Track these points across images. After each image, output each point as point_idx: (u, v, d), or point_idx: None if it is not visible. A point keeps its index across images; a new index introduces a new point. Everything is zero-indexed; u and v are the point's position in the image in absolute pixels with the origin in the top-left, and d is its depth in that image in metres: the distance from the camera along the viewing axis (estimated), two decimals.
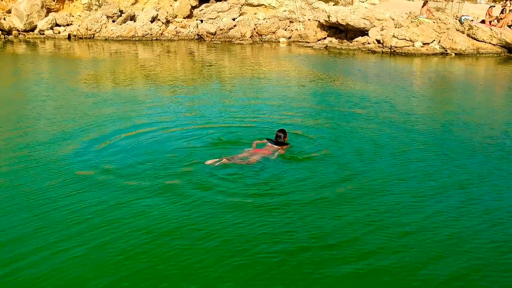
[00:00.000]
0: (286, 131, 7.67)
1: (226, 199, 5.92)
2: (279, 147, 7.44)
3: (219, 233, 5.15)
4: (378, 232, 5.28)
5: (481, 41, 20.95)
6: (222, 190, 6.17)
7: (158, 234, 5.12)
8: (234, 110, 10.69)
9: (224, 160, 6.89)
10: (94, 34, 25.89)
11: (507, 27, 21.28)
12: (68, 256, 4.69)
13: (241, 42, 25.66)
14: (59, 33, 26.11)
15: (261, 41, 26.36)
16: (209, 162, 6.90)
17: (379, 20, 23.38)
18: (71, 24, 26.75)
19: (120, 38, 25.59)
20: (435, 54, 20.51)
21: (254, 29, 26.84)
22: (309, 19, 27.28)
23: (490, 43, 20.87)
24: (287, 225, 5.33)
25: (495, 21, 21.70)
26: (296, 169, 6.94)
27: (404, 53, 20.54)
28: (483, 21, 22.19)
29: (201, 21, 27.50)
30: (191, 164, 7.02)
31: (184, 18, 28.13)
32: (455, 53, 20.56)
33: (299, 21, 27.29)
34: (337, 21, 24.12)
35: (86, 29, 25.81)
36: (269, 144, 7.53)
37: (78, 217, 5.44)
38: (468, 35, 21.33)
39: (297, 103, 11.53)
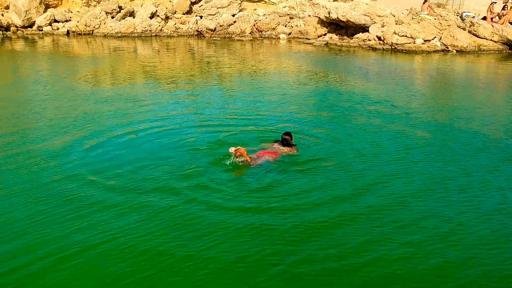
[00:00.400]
0: (292, 133, 7.61)
1: (228, 204, 5.85)
2: (288, 149, 7.42)
3: (221, 238, 5.10)
4: (380, 235, 5.25)
5: (483, 38, 20.81)
6: (225, 196, 6.09)
7: (159, 239, 5.06)
8: (233, 109, 10.60)
9: (241, 149, 6.79)
10: (93, 31, 25.74)
11: (509, 24, 21.13)
12: (68, 261, 4.65)
13: (241, 38, 25.52)
14: (57, 29, 25.95)
15: (261, 37, 26.21)
16: (233, 150, 6.83)
17: (379, 16, 23.22)
18: (69, 20, 26.59)
19: (119, 35, 25.42)
20: (436, 51, 20.38)
21: (254, 25, 26.67)
22: (309, 15, 27.11)
23: (491, 40, 20.74)
24: (290, 231, 5.27)
25: (497, 17, 21.56)
26: (299, 173, 6.85)
27: (405, 50, 20.41)
28: (484, 18, 22.04)
29: (201, 17, 27.33)
30: (192, 167, 6.95)
31: (184, 14, 27.95)
32: (456, 50, 20.43)
33: (299, 17, 27.13)
34: (337, 18, 23.97)
35: (85, 25, 25.65)
36: (275, 146, 7.50)
37: (78, 222, 5.38)
38: (469, 32, 21.19)
39: (297, 102, 11.44)
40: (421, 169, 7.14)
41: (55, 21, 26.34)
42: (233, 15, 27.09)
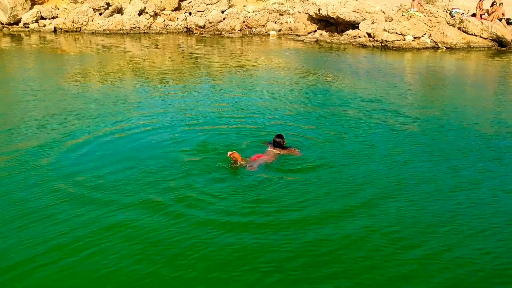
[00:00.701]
0: (283, 135, 7.53)
1: (218, 213, 5.73)
2: (282, 151, 7.36)
3: (209, 243, 4.99)
4: (370, 238, 5.24)
5: (472, 35, 20.87)
6: (214, 201, 5.99)
7: (146, 245, 4.95)
8: (224, 109, 10.48)
9: (235, 154, 6.74)
10: (80, 28, 25.38)
11: (498, 21, 21.20)
12: (52, 269, 4.55)
13: (231, 35, 25.33)
14: (44, 26, 25.54)
15: (251, 34, 26.04)
16: (229, 153, 6.78)
17: (369, 13, 23.18)
18: (56, 17, 26.19)
19: (108, 32, 25.09)
20: (426, 48, 20.39)
21: (244, 22, 26.49)
22: (299, 12, 27.00)
23: (481, 36, 20.80)
24: (281, 235, 5.20)
25: (486, 14, 21.62)
26: (292, 176, 6.77)
27: (395, 47, 20.38)
28: (473, 15, 22.10)
29: (190, 13, 27.08)
30: (182, 172, 6.81)
31: (172, 10, 27.68)
32: (446, 47, 20.45)
33: (289, 14, 27.01)
34: (327, 14, 23.88)
35: (72, 22, 25.28)
36: (269, 149, 7.41)
37: (62, 228, 5.25)
38: (459, 28, 21.23)
39: (288, 101, 11.35)
40: (413, 170, 7.12)
41: (42, 18, 25.92)
42: (223, 12, 26.88)
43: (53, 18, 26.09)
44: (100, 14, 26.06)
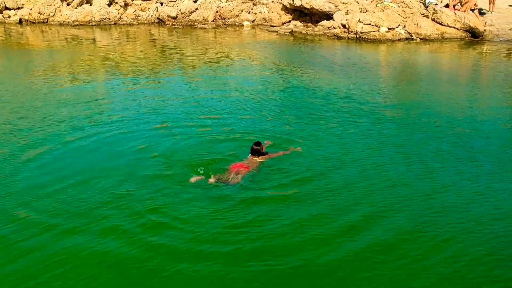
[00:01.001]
0: (261, 142, 7.30)
1: (188, 241, 5.45)
2: (263, 157, 7.16)
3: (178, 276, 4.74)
4: (346, 242, 5.27)
5: (446, 26, 20.90)
6: (184, 229, 5.73)
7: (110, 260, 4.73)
8: (196, 111, 10.19)
9: (211, 180, 6.44)
10: (47, 19, 24.48)
11: (470, 11, 21.30)
12: None
13: (204, 26, 24.83)
14: (9, 17, 24.58)
15: (224, 24, 25.59)
16: (193, 179, 6.46)
17: (343, 3, 23.00)
18: (21, 7, 25.18)
19: (76, 23, 24.26)
20: (400, 40, 20.34)
21: (217, 12, 25.99)
22: (273, 2, 26.58)
23: (454, 27, 20.85)
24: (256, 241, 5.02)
25: (459, 5, 21.68)
26: (270, 185, 6.64)
27: (370, 39, 20.26)
28: (447, 5, 22.14)
29: (161, 3, 26.41)
30: (148, 192, 6.42)
31: (143, 0, 26.94)
32: (420, 38, 20.44)
33: (263, 4, 26.60)
34: (301, 5, 23.60)
35: (39, 13, 24.36)
36: (249, 157, 7.16)
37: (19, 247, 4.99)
38: (432, 19, 21.23)
39: (262, 100, 11.10)
40: (387, 174, 7.03)
41: (6, 8, 24.90)
42: (195, 2, 26.30)
43: (18, 8, 25.11)
44: (68, 5, 25.19)
